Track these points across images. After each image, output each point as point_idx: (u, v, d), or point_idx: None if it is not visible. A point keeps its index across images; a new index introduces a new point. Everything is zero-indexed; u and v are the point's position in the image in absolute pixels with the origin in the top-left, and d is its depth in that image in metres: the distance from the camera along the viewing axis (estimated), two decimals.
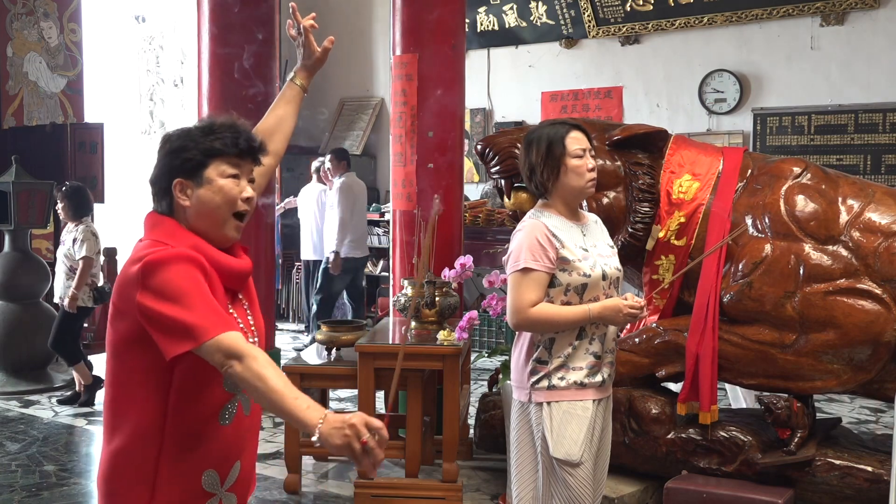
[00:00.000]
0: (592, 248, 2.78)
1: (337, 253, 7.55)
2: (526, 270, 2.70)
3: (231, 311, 1.87)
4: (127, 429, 1.82)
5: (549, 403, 2.72)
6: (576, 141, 2.76)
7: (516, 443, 2.84)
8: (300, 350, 6.70)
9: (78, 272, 5.99)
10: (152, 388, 1.79)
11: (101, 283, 6.19)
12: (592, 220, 2.91)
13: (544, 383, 2.73)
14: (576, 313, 2.69)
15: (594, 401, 2.75)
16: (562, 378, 2.72)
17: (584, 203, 2.95)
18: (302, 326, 9.14)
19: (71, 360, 6.20)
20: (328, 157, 7.92)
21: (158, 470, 1.80)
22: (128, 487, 1.82)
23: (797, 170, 3.95)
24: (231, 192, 1.86)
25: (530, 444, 2.80)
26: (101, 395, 6.40)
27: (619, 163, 4.03)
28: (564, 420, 2.70)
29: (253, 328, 1.94)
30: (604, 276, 2.75)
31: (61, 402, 6.20)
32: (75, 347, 6.20)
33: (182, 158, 1.85)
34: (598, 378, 2.75)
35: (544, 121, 3.23)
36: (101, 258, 6.31)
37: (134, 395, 1.81)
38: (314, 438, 1.63)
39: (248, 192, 1.89)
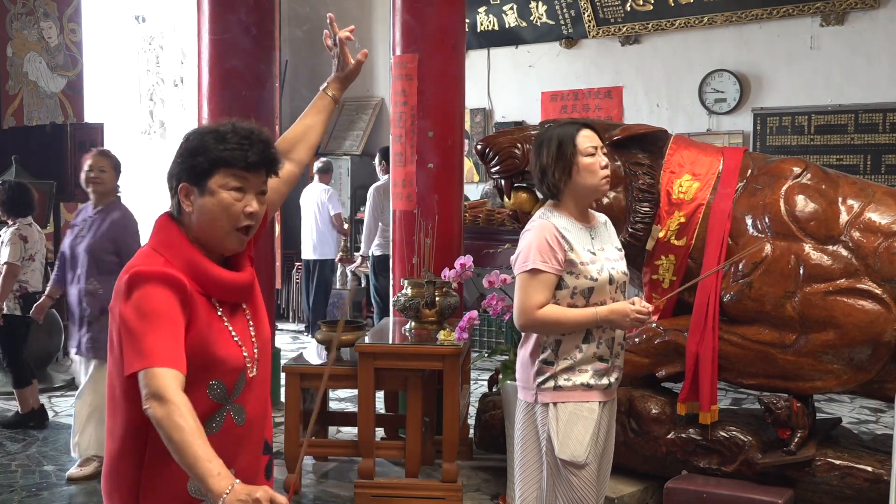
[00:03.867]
0: (600, 252, 2.76)
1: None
2: (534, 271, 2.68)
3: (227, 324, 1.86)
4: (119, 431, 1.84)
5: (555, 404, 2.71)
6: (587, 139, 2.75)
7: (521, 443, 2.83)
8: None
9: (0, 278, 5.44)
10: (136, 393, 1.77)
11: (32, 289, 5.61)
12: (602, 221, 2.89)
13: (550, 384, 2.72)
14: (583, 316, 2.68)
15: (600, 403, 2.74)
16: (568, 379, 2.71)
17: None
18: (302, 326, 9.15)
19: (18, 382, 5.61)
20: (378, 155, 7.80)
21: (144, 473, 1.80)
22: (121, 488, 1.84)
23: (797, 170, 3.95)
24: (231, 207, 1.82)
25: (535, 444, 2.79)
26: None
27: (619, 163, 4.03)
28: (571, 421, 2.70)
29: (254, 339, 1.92)
30: (611, 281, 2.73)
31: (4, 424, 5.66)
32: (24, 366, 5.67)
33: (191, 163, 1.83)
34: (605, 381, 2.75)
35: (553, 121, 3.21)
36: (37, 264, 5.71)
37: (124, 397, 1.81)
38: None
39: (253, 206, 1.85)
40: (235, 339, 1.86)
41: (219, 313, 1.85)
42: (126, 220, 4.65)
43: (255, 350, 1.91)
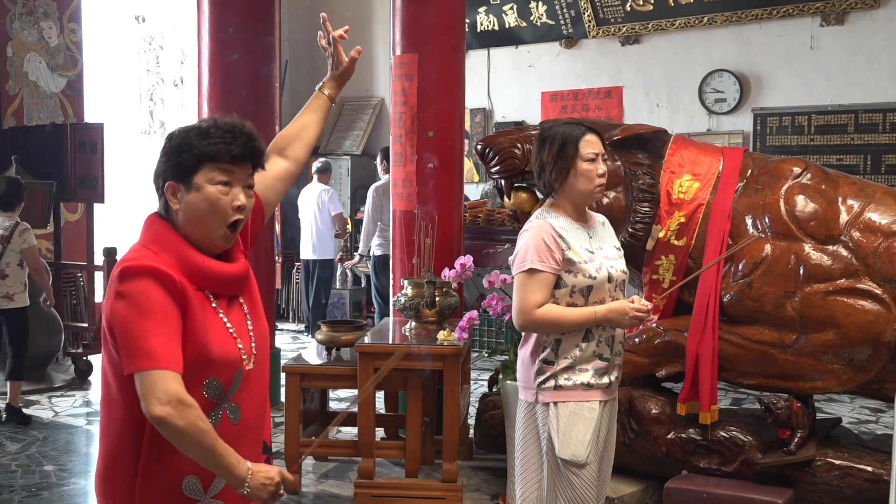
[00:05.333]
0: (598, 251, 2.77)
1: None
2: (532, 271, 2.69)
3: (222, 316, 1.85)
4: (114, 430, 1.83)
5: (555, 404, 2.71)
6: (589, 144, 2.75)
7: (522, 443, 2.84)
8: None
9: None
10: (134, 391, 1.77)
11: None
12: (599, 221, 2.89)
13: (551, 383, 2.72)
14: (581, 315, 2.69)
15: (601, 402, 2.74)
16: (568, 378, 2.71)
17: None
18: (302, 326, 9.15)
19: (15, 373, 5.75)
20: (379, 155, 7.84)
21: (139, 472, 1.80)
22: (117, 488, 1.84)
23: (797, 170, 3.95)
24: (219, 201, 1.83)
25: (536, 444, 2.79)
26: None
27: (619, 163, 4.04)
28: (571, 421, 2.70)
29: (251, 333, 1.91)
30: (609, 279, 2.74)
31: None
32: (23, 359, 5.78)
33: (176, 161, 1.84)
34: (606, 380, 2.75)
35: (560, 119, 3.22)
36: None
37: (119, 396, 1.81)
38: (245, 491, 1.80)
39: (240, 199, 1.85)
40: (231, 331, 1.85)
41: (213, 306, 1.85)
42: None
43: (253, 344, 1.90)
